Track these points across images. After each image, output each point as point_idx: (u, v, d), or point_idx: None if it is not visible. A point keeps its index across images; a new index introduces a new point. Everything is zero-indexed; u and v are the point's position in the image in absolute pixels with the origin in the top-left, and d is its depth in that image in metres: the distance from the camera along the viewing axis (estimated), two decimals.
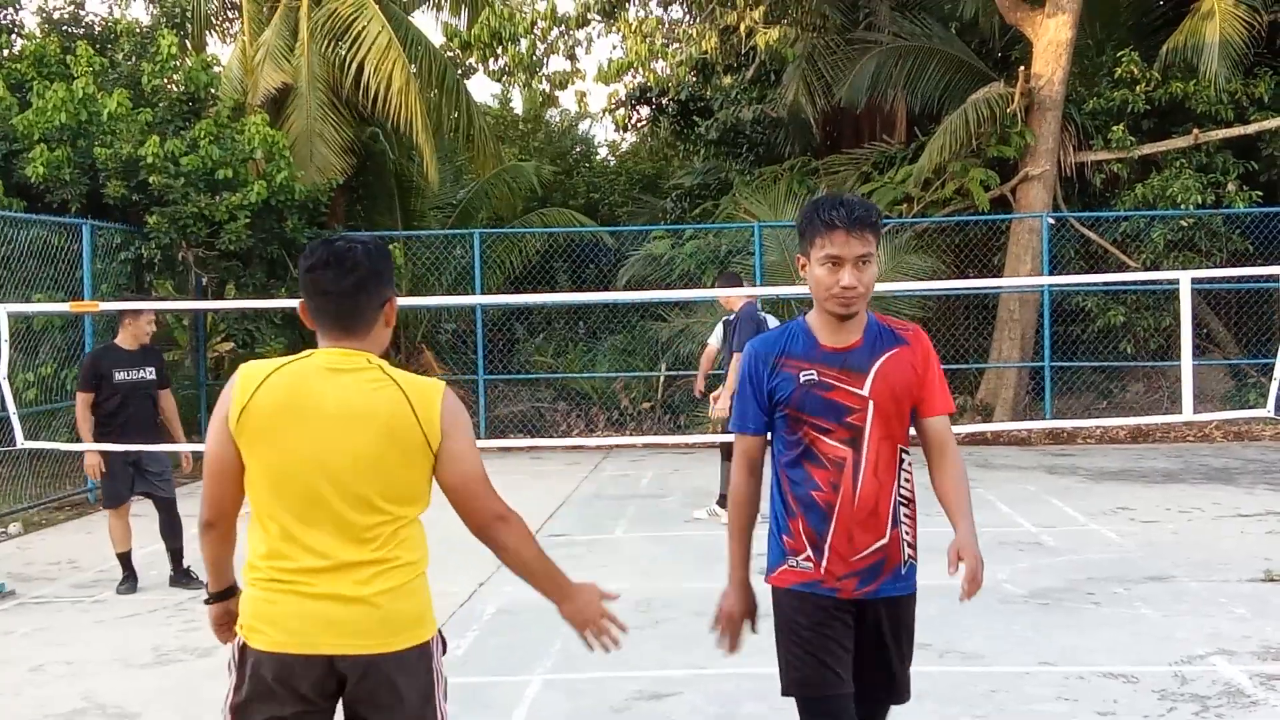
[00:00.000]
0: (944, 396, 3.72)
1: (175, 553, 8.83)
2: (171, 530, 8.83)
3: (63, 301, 12.24)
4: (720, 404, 10.47)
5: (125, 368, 8.74)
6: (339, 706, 3.20)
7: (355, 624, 3.07)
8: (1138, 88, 17.20)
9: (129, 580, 8.73)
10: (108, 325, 14.03)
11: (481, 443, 12.70)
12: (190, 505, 12.32)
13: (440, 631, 3.30)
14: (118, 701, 6.13)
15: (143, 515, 9.01)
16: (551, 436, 16.57)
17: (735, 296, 10.83)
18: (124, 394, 8.66)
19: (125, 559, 8.76)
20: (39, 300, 12.30)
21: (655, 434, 16.02)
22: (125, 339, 8.84)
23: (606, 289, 17.97)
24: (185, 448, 9.19)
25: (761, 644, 6.77)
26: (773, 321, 10.71)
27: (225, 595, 3.34)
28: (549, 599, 3.40)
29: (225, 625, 3.34)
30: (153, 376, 8.81)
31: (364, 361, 3.18)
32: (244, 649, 3.12)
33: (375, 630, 3.09)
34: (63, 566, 9.07)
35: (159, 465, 8.87)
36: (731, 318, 10.81)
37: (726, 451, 10.87)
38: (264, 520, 3.13)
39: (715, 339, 11.46)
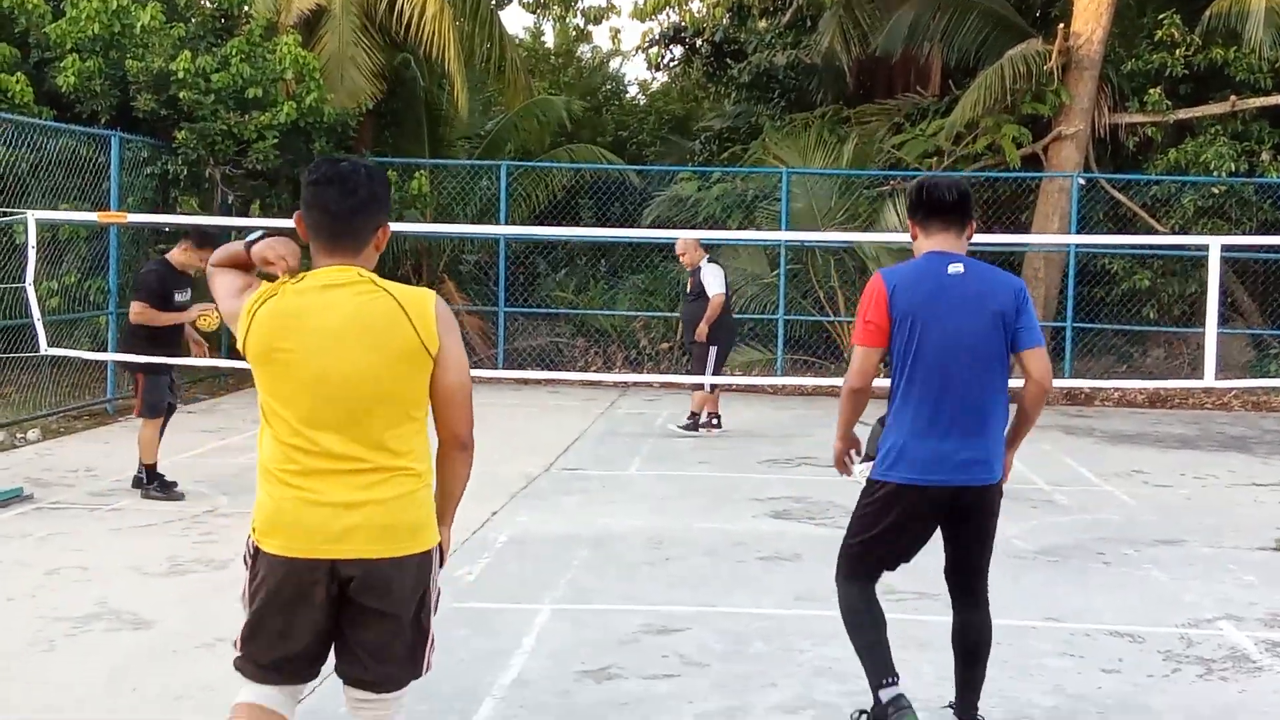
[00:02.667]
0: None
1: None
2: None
3: (89, 213, 12.26)
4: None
5: (180, 289, 8.89)
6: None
7: (357, 529, 3.21)
8: (1177, 51, 16.99)
9: (166, 486, 8.85)
10: (132, 238, 14.08)
11: (499, 374, 12.87)
12: (205, 420, 12.40)
13: (440, 546, 3.42)
14: (132, 608, 6.20)
15: (173, 427, 9.06)
16: (569, 371, 16.59)
17: (694, 249, 12.17)
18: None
19: (154, 469, 8.86)
20: (65, 210, 12.32)
21: (672, 373, 16.03)
22: (181, 261, 8.89)
23: (631, 228, 17.92)
24: (216, 363, 9.36)
25: (769, 587, 6.83)
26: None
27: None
28: (441, 513, 3.48)
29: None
30: (189, 299, 8.91)
31: (356, 275, 3.30)
32: (256, 551, 3.30)
33: (377, 536, 3.23)
34: (80, 474, 9.14)
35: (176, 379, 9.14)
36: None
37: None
38: (274, 428, 3.28)
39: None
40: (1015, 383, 4.62)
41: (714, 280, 12.00)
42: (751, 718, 4.91)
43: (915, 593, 6.67)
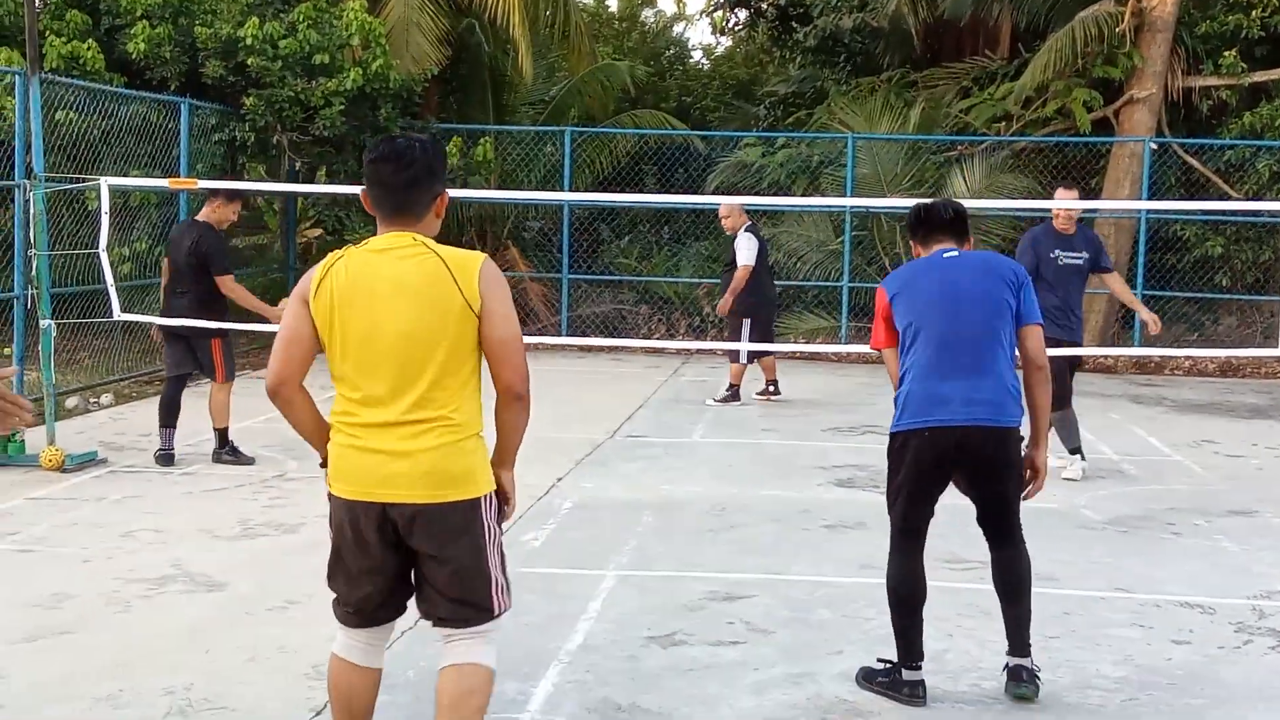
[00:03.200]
0: None
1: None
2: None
3: (160, 179, 12.40)
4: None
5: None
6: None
7: (401, 476, 3.51)
8: (1254, 12, 16.60)
9: (237, 451, 9.00)
10: (200, 205, 14.20)
11: (563, 340, 12.92)
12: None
13: (497, 493, 3.69)
14: (204, 570, 6.31)
15: (240, 393, 9.18)
16: (633, 339, 16.60)
17: (737, 214, 11.99)
18: None
19: (227, 433, 9.01)
20: (136, 176, 12.46)
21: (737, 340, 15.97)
22: (217, 220, 8.99)
23: (695, 194, 17.86)
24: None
25: (834, 555, 6.82)
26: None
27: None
28: (499, 460, 3.75)
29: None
30: None
31: (410, 240, 3.60)
32: (330, 495, 3.66)
33: (419, 482, 3.51)
34: (152, 438, 9.27)
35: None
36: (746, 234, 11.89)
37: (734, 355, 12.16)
38: (339, 383, 3.61)
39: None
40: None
41: (745, 250, 11.76)
42: (817, 685, 4.91)
43: (980, 561, 6.61)
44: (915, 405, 4.64)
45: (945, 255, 4.84)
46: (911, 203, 5.12)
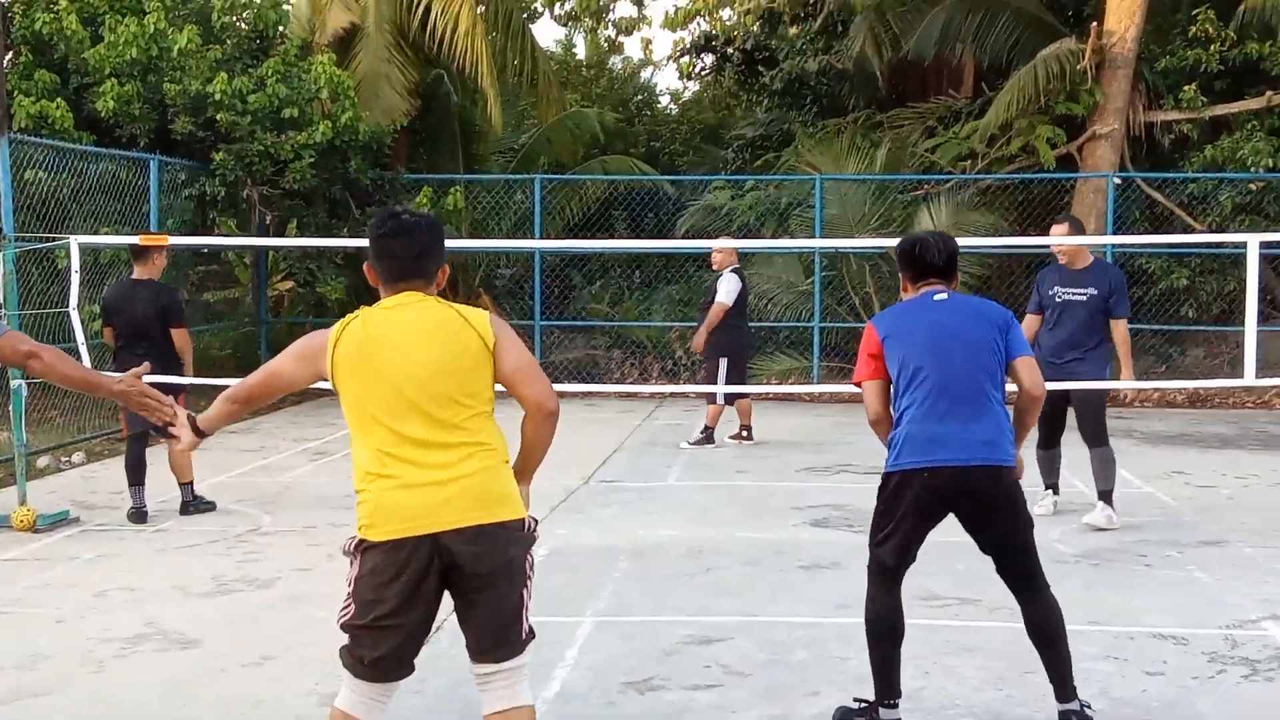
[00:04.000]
0: None
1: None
2: None
3: (130, 236, 12.39)
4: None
5: None
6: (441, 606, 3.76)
7: (452, 501, 3.62)
8: (1211, 47, 16.86)
9: (201, 499, 9.03)
10: (173, 262, 14.20)
11: None
12: (245, 440, 12.50)
13: (534, 520, 3.85)
14: (178, 628, 6.28)
15: (213, 448, 9.14)
16: (606, 383, 16.63)
17: (729, 253, 12.09)
18: None
19: (192, 486, 9.02)
20: (106, 234, 12.46)
21: (709, 384, 16.01)
22: (154, 273, 9.03)
23: (665, 238, 17.94)
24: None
25: (810, 595, 6.84)
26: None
27: (202, 434, 4.19)
28: (520, 472, 3.92)
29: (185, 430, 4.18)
30: None
31: (420, 296, 3.84)
32: (360, 544, 3.69)
33: (472, 503, 3.64)
34: (124, 495, 9.22)
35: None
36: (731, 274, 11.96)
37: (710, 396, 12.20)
38: (365, 436, 3.72)
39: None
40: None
41: (724, 290, 11.88)
42: None
43: (958, 599, 6.68)
44: (914, 446, 4.67)
45: (935, 298, 4.87)
46: (880, 243, 5.23)
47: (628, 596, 6.89)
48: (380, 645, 3.68)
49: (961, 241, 14.63)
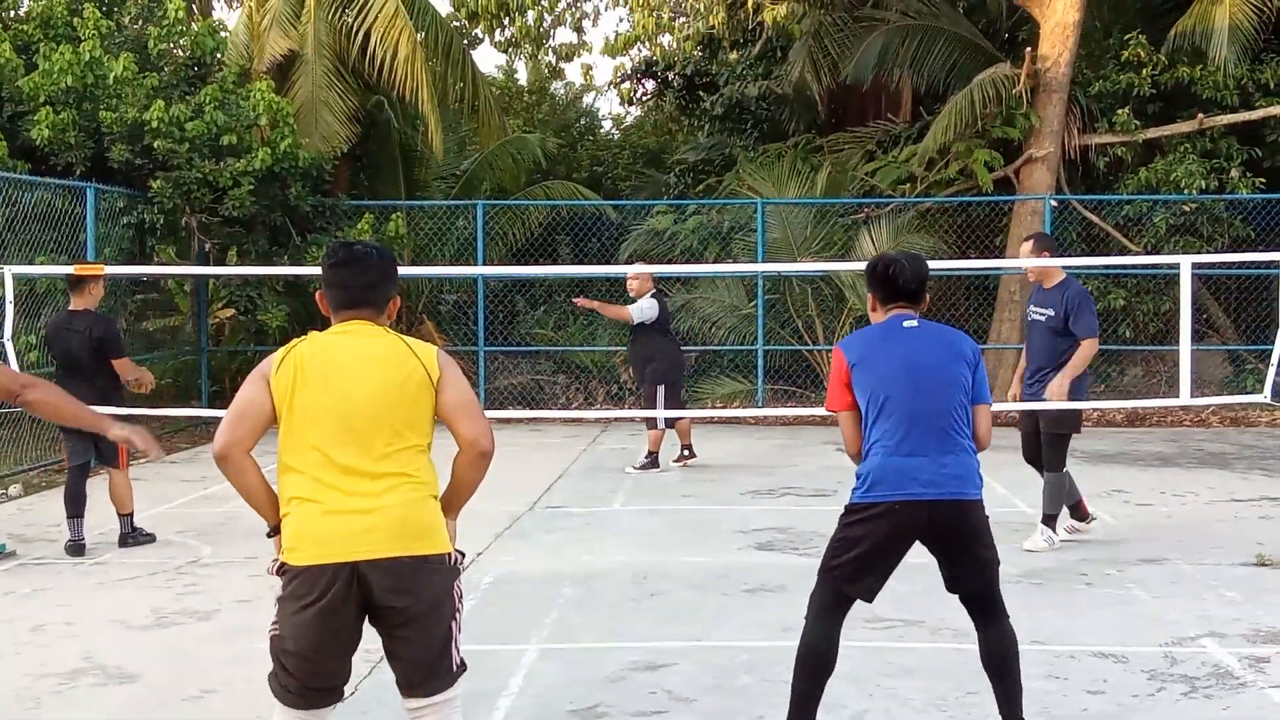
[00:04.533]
0: None
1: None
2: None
3: (65, 265, 12.26)
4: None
5: None
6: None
7: (371, 531, 3.64)
8: (1144, 71, 17.16)
9: (139, 530, 8.97)
10: (111, 290, 14.05)
11: None
12: (187, 470, 12.38)
13: (460, 554, 3.86)
14: (117, 662, 6.19)
15: (153, 479, 9.07)
16: (551, 409, 16.61)
17: (645, 279, 12.08)
18: None
19: (132, 518, 8.94)
20: (41, 263, 12.32)
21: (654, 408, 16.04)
22: (90, 303, 8.94)
23: (608, 263, 17.98)
24: (199, 412, 9.34)
25: (755, 619, 6.84)
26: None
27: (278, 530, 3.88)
28: (447, 506, 3.95)
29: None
30: None
31: (370, 325, 3.90)
32: (284, 567, 3.73)
33: (390, 536, 3.65)
34: (62, 528, 9.10)
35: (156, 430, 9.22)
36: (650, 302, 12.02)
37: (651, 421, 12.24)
38: (298, 458, 3.72)
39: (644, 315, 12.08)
40: None
41: (636, 308, 11.96)
42: None
43: (901, 620, 6.72)
44: (884, 479, 4.60)
45: (905, 324, 4.81)
46: (822, 267, 5.21)
47: (573, 623, 6.87)
48: (304, 671, 3.70)
49: None
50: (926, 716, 5.29)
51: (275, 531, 3.84)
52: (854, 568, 4.68)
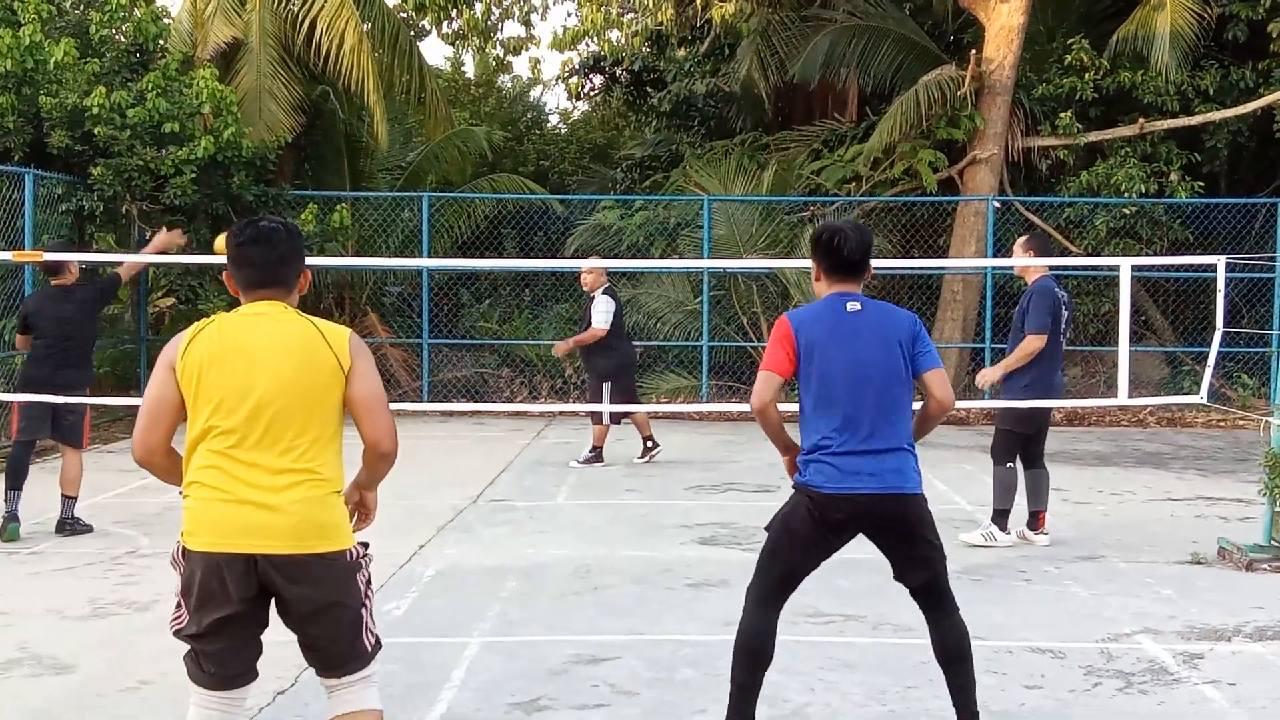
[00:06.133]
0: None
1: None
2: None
3: (3, 251, 12.09)
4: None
5: None
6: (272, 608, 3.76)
7: (270, 527, 3.60)
8: (1087, 75, 17.38)
9: (78, 519, 8.95)
10: (47, 277, 13.85)
11: (424, 406, 12.77)
12: (125, 460, 12.24)
13: (361, 545, 3.82)
14: (52, 652, 6.11)
15: (91, 468, 8.95)
16: (495, 402, 16.57)
17: (599, 274, 12.00)
18: None
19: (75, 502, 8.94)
20: None
21: (599, 402, 16.04)
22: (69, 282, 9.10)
23: (554, 257, 17.95)
24: (136, 401, 9.30)
25: (697, 614, 6.86)
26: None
27: None
28: (364, 486, 4.04)
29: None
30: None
31: (281, 307, 3.83)
32: (184, 551, 3.69)
33: (289, 533, 3.61)
34: None
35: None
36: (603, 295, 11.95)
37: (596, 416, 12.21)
38: (204, 442, 3.68)
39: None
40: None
41: (601, 313, 11.84)
42: None
43: (841, 615, 6.76)
44: (826, 470, 4.61)
45: (849, 307, 4.78)
46: (767, 264, 5.20)
47: (515, 616, 6.86)
48: (213, 653, 3.70)
49: None
50: (867, 710, 5.32)
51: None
52: (789, 550, 4.73)
